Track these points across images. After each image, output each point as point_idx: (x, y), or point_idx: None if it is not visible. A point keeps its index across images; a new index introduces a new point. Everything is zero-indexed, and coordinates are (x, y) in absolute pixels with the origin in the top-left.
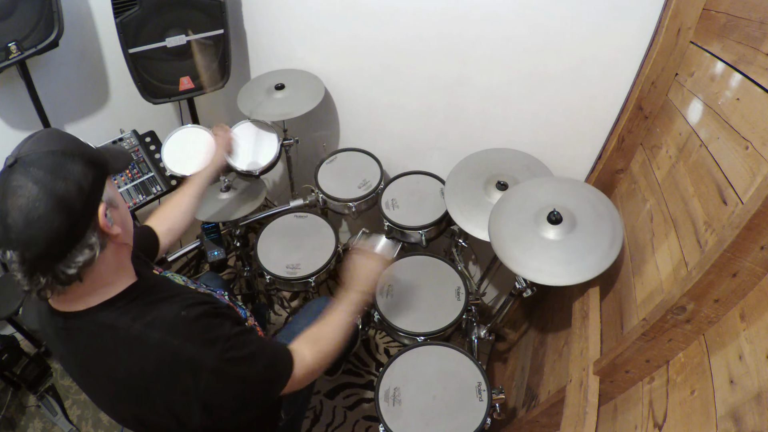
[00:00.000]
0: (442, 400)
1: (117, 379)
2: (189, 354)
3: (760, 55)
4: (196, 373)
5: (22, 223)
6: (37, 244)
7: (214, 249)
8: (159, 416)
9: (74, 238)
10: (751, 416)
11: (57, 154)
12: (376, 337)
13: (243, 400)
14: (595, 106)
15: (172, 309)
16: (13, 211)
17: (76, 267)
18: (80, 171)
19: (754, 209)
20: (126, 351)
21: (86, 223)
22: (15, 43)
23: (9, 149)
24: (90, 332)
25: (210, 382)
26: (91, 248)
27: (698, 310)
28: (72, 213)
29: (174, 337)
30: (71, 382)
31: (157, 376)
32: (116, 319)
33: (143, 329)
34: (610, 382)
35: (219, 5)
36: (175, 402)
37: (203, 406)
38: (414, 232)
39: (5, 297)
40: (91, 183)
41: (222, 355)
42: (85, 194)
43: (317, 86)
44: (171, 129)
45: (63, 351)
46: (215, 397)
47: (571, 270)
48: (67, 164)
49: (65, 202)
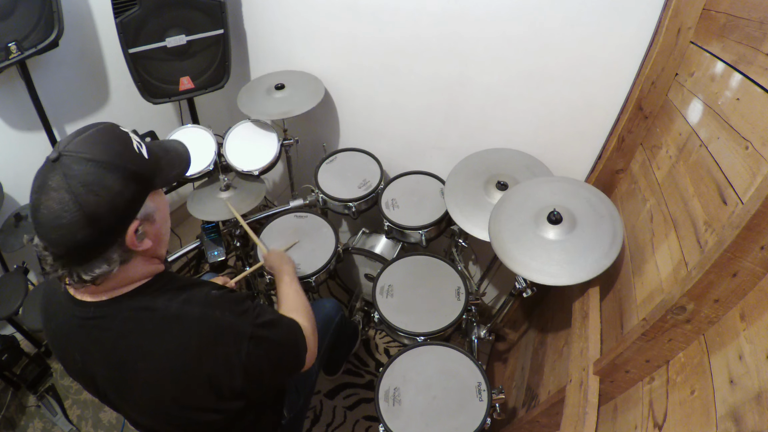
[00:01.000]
0: (442, 400)
1: (155, 361)
2: (229, 323)
3: (760, 55)
4: (238, 340)
5: (48, 224)
6: (58, 247)
7: (214, 249)
8: (196, 393)
9: (95, 252)
10: (751, 416)
11: (99, 165)
12: (376, 337)
13: (277, 365)
14: (595, 106)
15: (201, 290)
16: (44, 209)
17: (92, 275)
18: (117, 189)
19: (754, 209)
20: (166, 329)
21: (111, 240)
22: (15, 43)
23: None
24: (125, 317)
25: (250, 347)
26: (110, 263)
27: (698, 310)
28: (97, 229)
29: (213, 310)
30: (71, 382)
31: (200, 348)
32: (152, 301)
33: (182, 306)
34: (610, 382)
35: (219, 5)
36: (218, 371)
37: (245, 371)
38: (414, 232)
39: (5, 297)
40: (127, 201)
41: (255, 321)
42: (117, 213)
43: (317, 86)
44: (171, 129)
45: (87, 343)
46: (255, 363)
47: (571, 270)
48: (105, 179)
49: (93, 218)
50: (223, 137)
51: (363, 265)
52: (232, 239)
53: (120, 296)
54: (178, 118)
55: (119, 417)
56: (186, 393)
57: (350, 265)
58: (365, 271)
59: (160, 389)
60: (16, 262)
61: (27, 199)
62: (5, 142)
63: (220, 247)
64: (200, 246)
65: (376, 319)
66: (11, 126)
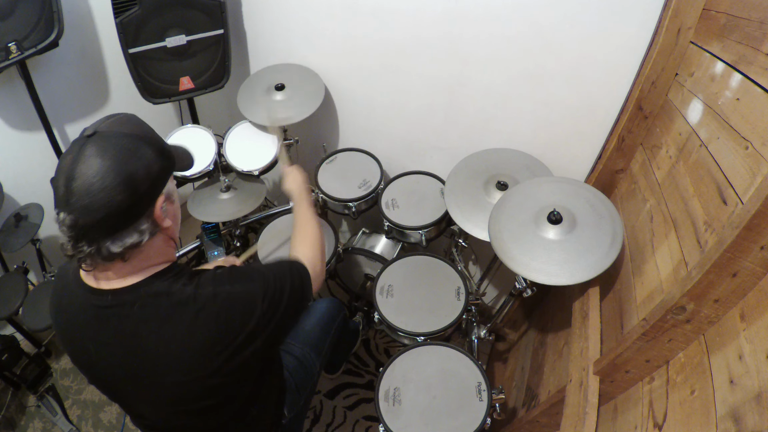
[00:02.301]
0: (442, 400)
1: (177, 343)
2: (240, 291)
3: (760, 55)
4: (253, 307)
5: (85, 191)
6: (94, 214)
7: (214, 249)
8: (214, 365)
9: (130, 218)
10: (751, 416)
11: (134, 137)
12: (376, 337)
13: (288, 311)
14: (595, 106)
15: (210, 272)
16: (81, 177)
17: (122, 247)
18: (152, 156)
19: (754, 209)
20: (184, 311)
21: (144, 207)
22: (15, 43)
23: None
24: (143, 303)
25: (265, 307)
26: (141, 234)
27: (698, 310)
28: (135, 193)
29: (223, 284)
30: (71, 381)
31: (218, 323)
32: (168, 286)
33: (195, 289)
34: (610, 382)
35: (219, 5)
36: (240, 340)
37: (264, 331)
38: (414, 232)
39: (5, 297)
40: (158, 170)
41: (264, 282)
42: (152, 179)
43: (317, 87)
44: (171, 129)
45: (104, 332)
46: (270, 318)
47: (571, 270)
48: (141, 148)
49: (133, 180)
50: (223, 137)
51: (363, 265)
52: (232, 239)
53: (137, 283)
54: (178, 118)
55: (119, 417)
56: (205, 369)
57: (350, 265)
58: (365, 271)
59: (180, 372)
60: (16, 262)
61: (27, 200)
62: (5, 142)
63: (220, 247)
64: (200, 246)
65: (376, 319)
66: (11, 126)
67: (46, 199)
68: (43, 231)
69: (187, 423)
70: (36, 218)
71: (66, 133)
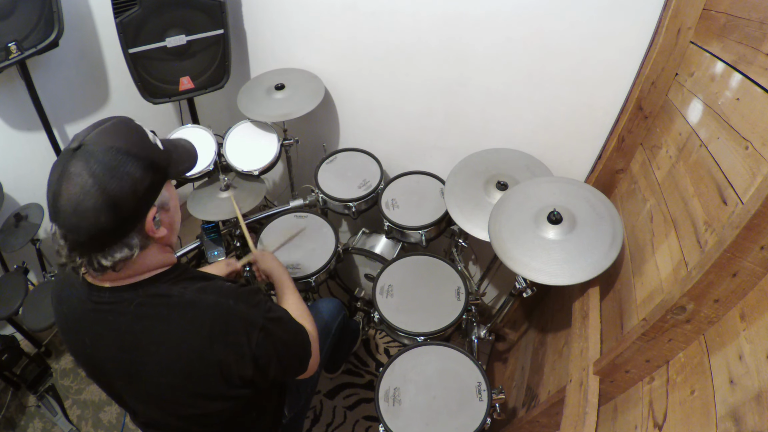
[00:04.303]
0: (442, 400)
1: (168, 345)
2: (241, 312)
3: (760, 55)
4: (249, 330)
5: (70, 210)
6: (81, 231)
7: (214, 249)
8: (207, 379)
9: (117, 235)
10: (751, 416)
11: (120, 152)
12: (376, 337)
13: (283, 361)
14: (595, 106)
15: (216, 282)
16: (65, 195)
17: (112, 261)
18: (138, 174)
19: (754, 209)
20: (181, 315)
21: (132, 225)
22: (15, 43)
23: (9, 149)
24: (140, 302)
25: (260, 338)
26: (131, 248)
27: (698, 310)
28: (120, 213)
29: (227, 298)
30: (71, 382)
31: (212, 333)
32: (168, 288)
33: (196, 294)
34: (610, 382)
35: (219, 5)
36: (228, 359)
37: (255, 360)
38: (414, 232)
39: (5, 297)
40: (146, 188)
41: (266, 315)
42: (138, 198)
43: (317, 86)
44: (171, 129)
45: (100, 327)
46: (264, 354)
47: (571, 270)
48: (126, 165)
49: (116, 201)
50: (223, 137)
51: (363, 265)
52: (232, 239)
53: (137, 282)
54: (178, 118)
55: (119, 417)
56: (196, 378)
57: (350, 265)
58: (365, 271)
59: (171, 374)
60: (16, 262)
61: (27, 200)
62: (5, 142)
63: (220, 247)
64: (200, 246)
65: (376, 319)
66: (11, 126)
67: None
68: (43, 231)
69: (181, 425)
70: (36, 218)
71: (66, 133)
